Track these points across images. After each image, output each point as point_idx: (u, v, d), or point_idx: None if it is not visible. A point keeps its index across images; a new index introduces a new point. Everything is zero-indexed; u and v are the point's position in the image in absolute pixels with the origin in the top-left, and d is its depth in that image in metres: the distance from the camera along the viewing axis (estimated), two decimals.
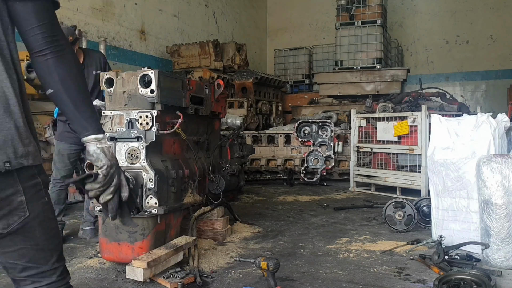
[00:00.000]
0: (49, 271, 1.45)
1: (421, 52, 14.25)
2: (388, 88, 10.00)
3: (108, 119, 3.45)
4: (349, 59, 10.42)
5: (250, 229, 4.46)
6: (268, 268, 2.79)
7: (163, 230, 3.42)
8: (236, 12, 14.21)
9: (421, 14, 14.23)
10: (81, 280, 3.11)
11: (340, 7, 10.64)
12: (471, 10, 13.65)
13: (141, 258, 2.98)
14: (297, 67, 12.99)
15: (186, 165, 3.76)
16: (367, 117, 7.07)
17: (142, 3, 10.29)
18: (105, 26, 9.27)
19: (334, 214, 5.33)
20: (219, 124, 4.58)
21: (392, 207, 4.42)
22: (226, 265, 3.41)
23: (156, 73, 3.36)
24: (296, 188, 7.45)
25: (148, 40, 10.48)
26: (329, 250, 3.84)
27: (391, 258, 3.60)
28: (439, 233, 3.66)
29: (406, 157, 6.34)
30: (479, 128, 3.63)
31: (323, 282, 3.07)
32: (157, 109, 3.36)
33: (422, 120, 6.03)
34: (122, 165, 3.33)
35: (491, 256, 3.31)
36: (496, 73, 13.41)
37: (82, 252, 3.76)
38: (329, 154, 7.69)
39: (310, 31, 15.36)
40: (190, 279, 3.04)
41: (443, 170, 3.76)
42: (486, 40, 13.48)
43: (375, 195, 6.63)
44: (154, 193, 3.29)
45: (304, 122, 8.02)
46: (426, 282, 3.03)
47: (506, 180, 3.24)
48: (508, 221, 3.24)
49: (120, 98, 3.44)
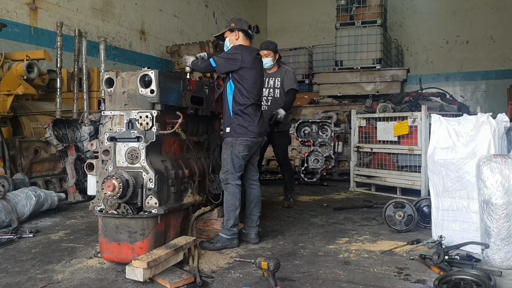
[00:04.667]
0: None
1: (421, 52, 14.26)
2: (388, 88, 10.00)
3: (108, 119, 3.45)
4: (349, 59, 10.42)
5: None
6: (268, 268, 2.79)
7: (163, 230, 3.42)
8: (236, 12, 14.21)
9: (421, 14, 14.23)
10: (81, 280, 3.11)
11: (340, 7, 10.63)
12: (471, 10, 13.66)
13: (141, 258, 2.98)
14: (297, 67, 12.95)
15: (186, 165, 3.76)
16: (367, 117, 7.07)
17: (142, 3, 10.29)
18: (105, 26, 9.27)
19: (334, 214, 5.33)
20: (219, 124, 4.58)
21: (392, 207, 4.42)
22: (226, 265, 3.41)
23: (156, 73, 3.36)
24: (296, 188, 7.43)
25: (148, 40, 10.48)
26: (329, 250, 3.84)
27: (391, 258, 3.60)
28: (439, 233, 3.66)
29: (406, 157, 6.33)
30: (479, 128, 3.62)
31: (323, 282, 3.07)
32: (157, 109, 3.36)
33: (422, 120, 6.02)
34: (122, 165, 3.34)
35: (491, 256, 3.31)
36: (496, 73, 13.42)
37: (82, 252, 3.76)
38: (329, 154, 7.69)
39: (310, 31, 15.36)
40: (190, 279, 3.03)
41: (443, 170, 3.76)
42: (486, 40, 13.48)
43: (375, 195, 6.62)
44: (154, 193, 3.29)
45: (304, 122, 8.02)
46: (426, 282, 3.03)
47: (506, 180, 3.24)
48: (508, 221, 3.24)
49: (120, 98, 3.43)
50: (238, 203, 3.86)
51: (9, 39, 7.24)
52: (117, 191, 3.15)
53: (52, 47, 7.42)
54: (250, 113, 3.92)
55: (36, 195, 4.89)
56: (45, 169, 6.23)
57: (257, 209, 4.07)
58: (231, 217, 3.83)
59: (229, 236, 3.81)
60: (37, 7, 7.81)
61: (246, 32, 4.09)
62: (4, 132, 5.80)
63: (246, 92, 3.90)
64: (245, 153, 3.91)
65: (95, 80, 7.52)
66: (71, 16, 8.46)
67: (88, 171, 3.67)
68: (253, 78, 3.92)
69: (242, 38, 4.09)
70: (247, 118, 3.90)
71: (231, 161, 3.87)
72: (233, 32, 4.08)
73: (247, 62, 3.89)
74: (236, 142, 3.87)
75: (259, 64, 4.08)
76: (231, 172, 3.86)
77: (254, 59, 3.99)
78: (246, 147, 3.89)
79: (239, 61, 3.85)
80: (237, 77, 3.90)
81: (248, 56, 3.92)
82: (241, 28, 4.06)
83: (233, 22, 4.11)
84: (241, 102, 3.90)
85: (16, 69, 6.03)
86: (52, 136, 5.88)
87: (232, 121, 3.92)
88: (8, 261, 3.54)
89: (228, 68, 3.89)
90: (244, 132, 3.88)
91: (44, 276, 3.19)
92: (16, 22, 7.42)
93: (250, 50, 4.01)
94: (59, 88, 6.77)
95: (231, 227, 3.82)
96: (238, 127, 3.88)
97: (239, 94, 3.89)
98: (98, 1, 9.08)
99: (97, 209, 3.36)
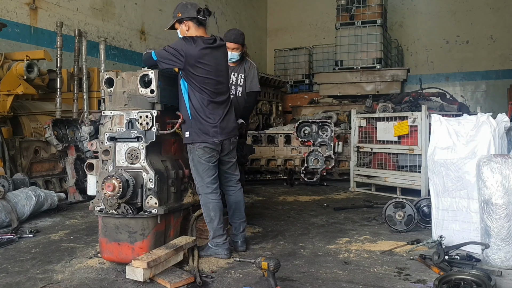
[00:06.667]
0: None
1: (421, 52, 14.26)
2: (388, 88, 10.01)
3: (108, 119, 3.45)
4: (349, 59, 10.43)
5: (250, 229, 4.46)
6: (268, 268, 2.79)
7: (163, 230, 3.42)
8: (236, 12, 14.21)
9: (421, 14, 14.24)
10: (81, 280, 3.11)
11: (340, 7, 10.65)
12: (471, 10, 13.66)
13: (141, 258, 2.97)
14: (297, 67, 12.99)
15: (186, 165, 3.76)
16: (367, 117, 7.06)
17: (142, 3, 10.29)
18: (105, 26, 9.27)
19: (334, 214, 5.33)
20: None
21: (392, 207, 4.42)
22: (226, 265, 3.41)
23: (156, 73, 3.36)
24: (296, 188, 7.45)
25: (148, 40, 10.48)
26: (329, 250, 3.83)
27: (391, 258, 3.59)
28: (439, 233, 3.66)
29: (406, 157, 6.33)
30: (479, 128, 3.62)
31: (323, 282, 3.07)
32: (157, 109, 3.36)
33: (422, 120, 6.02)
34: (122, 165, 3.34)
35: (491, 256, 3.31)
36: (496, 73, 13.42)
37: (82, 252, 3.76)
38: (329, 154, 7.69)
39: (310, 31, 15.37)
40: (190, 279, 3.03)
41: (443, 170, 3.76)
42: (486, 40, 13.49)
43: (375, 195, 6.63)
44: (154, 193, 3.29)
45: (304, 122, 8.02)
46: (426, 282, 3.03)
47: (506, 180, 3.24)
48: (508, 221, 3.24)
49: (120, 98, 3.43)
50: (214, 214, 3.53)
51: (9, 39, 7.24)
52: (117, 191, 3.15)
53: (52, 47, 7.42)
54: (211, 113, 3.49)
55: (36, 195, 4.89)
56: (45, 169, 6.23)
57: (237, 216, 3.78)
58: (210, 228, 3.59)
59: (214, 247, 3.57)
60: (37, 7, 7.81)
61: (196, 19, 3.55)
62: (4, 132, 5.80)
63: (201, 90, 3.45)
64: (207, 155, 3.50)
65: (95, 80, 7.52)
66: (71, 16, 8.46)
67: (88, 171, 3.67)
68: (203, 74, 3.44)
69: (194, 28, 3.56)
70: (206, 120, 3.47)
71: (195, 169, 3.54)
72: (181, 23, 3.59)
73: (193, 57, 3.39)
74: (194, 147, 3.50)
75: (213, 54, 3.52)
76: (198, 181, 3.54)
77: (203, 50, 3.45)
78: (206, 151, 3.49)
79: (180, 58, 3.39)
80: (186, 75, 3.47)
81: (194, 50, 3.41)
82: (189, 16, 3.54)
83: (179, 11, 3.58)
84: (199, 101, 3.46)
85: (16, 69, 6.03)
86: (52, 136, 5.88)
87: (191, 124, 3.49)
88: (8, 261, 3.54)
89: (169, 65, 3.43)
90: (204, 138, 3.47)
91: (44, 276, 3.19)
92: (16, 22, 7.42)
93: (198, 42, 3.46)
94: (59, 88, 6.77)
95: (213, 239, 3.57)
96: (197, 132, 3.47)
97: (195, 92, 3.46)
98: (98, 1, 9.08)
99: (97, 209, 3.36)
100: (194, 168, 3.55)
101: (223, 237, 3.59)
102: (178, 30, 3.65)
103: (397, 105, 7.98)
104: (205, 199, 3.55)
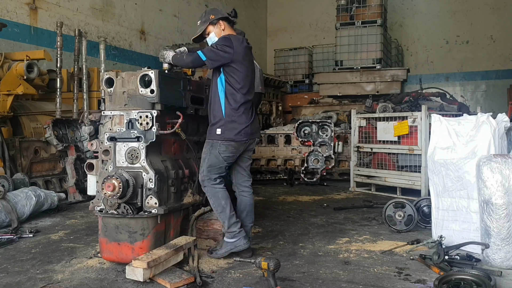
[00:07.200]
0: None
1: (421, 52, 14.26)
2: (388, 88, 10.01)
3: (108, 119, 3.45)
4: (349, 59, 10.44)
5: None
6: (268, 268, 2.79)
7: (163, 230, 3.42)
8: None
9: (421, 14, 14.24)
10: (81, 280, 3.11)
11: (340, 7, 10.65)
12: (471, 10, 13.66)
13: (141, 258, 2.97)
14: (297, 67, 13.00)
15: (186, 165, 3.76)
16: (367, 117, 7.07)
17: (142, 3, 10.29)
18: (105, 26, 9.27)
19: (334, 214, 5.33)
20: None
21: (392, 207, 4.42)
22: (226, 265, 3.41)
23: (156, 73, 3.36)
24: (296, 188, 7.45)
25: (148, 40, 10.49)
26: (329, 250, 3.84)
27: (391, 258, 3.59)
28: (439, 233, 3.66)
29: (406, 157, 6.33)
30: (479, 128, 3.62)
31: (323, 282, 3.07)
32: (157, 109, 3.36)
33: (422, 120, 6.02)
34: (122, 165, 3.34)
35: (491, 256, 3.31)
36: (496, 73, 13.42)
37: (82, 252, 3.76)
38: (329, 154, 7.69)
39: (310, 31, 15.37)
40: (190, 279, 3.03)
41: (443, 170, 3.76)
42: (486, 40, 13.49)
43: (375, 195, 6.63)
44: (154, 193, 3.29)
45: (304, 122, 8.02)
46: (426, 282, 3.03)
47: (506, 180, 3.24)
48: (508, 221, 3.24)
49: (120, 98, 3.43)
50: (224, 202, 3.51)
51: (9, 39, 7.24)
52: (117, 191, 3.15)
53: (52, 47, 7.42)
54: (244, 112, 3.55)
55: (36, 195, 4.89)
56: (45, 169, 6.23)
57: (249, 219, 3.73)
58: (223, 219, 3.54)
59: (231, 239, 3.51)
60: (37, 7, 7.81)
61: (228, 19, 3.65)
62: (4, 132, 5.80)
63: (240, 88, 3.51)
64: (227, 153, 3.53)
65: (95, 80, 7.52)
66: (71, 16, 8.46)
67: (88, 171, 3.67)
68: (245, 72, 3.53)
69: (228, 27, 3.64)
70: (240, 120, 3.52)
71: (208, 161, 3.52)
72: (215, 24, 3.62)
73: (240, 54, 3.49)
74: (217, 141, 3.51)
75: (250, 55, 3.66)
76: (205, 174, 3.52)
77: (245, 49, 3.57)
78: (229, 148, 3.52)
79: (231, 53, 3.45)
80: (229, 71, 3.50)
81: (240, 47, 3.50)
82: (222, 16, 3.63)
83: (211, 14, 3.66)
84: (236, 99, 3.51)
85: (16, 69, 6.03)
86: (52, 136, 5.88)
87: (225, 121, 3.51)
88: (8, 261, 3.54)
89: (220, 62, 3.47)
90: (235, 137, 3.50)
91: (44, 276, 3.19)
92: (16, 22, 7.42)
93: (240, 40, 3.56)
94: (59, 88, 6.77)
95: (229, 229, 3.51)
96: (231, 130, 3.50)
97: (233, 91, 3.51)
98: (98, 1, 9.08)
99: (97, 209, 3.36)
100: (207, 160, 3.53)
101: (238, 224, 3.55)
102: (212, 33, 3.65)
103: (397, 105, 7.97)
104: (212, 189, 3.53)
